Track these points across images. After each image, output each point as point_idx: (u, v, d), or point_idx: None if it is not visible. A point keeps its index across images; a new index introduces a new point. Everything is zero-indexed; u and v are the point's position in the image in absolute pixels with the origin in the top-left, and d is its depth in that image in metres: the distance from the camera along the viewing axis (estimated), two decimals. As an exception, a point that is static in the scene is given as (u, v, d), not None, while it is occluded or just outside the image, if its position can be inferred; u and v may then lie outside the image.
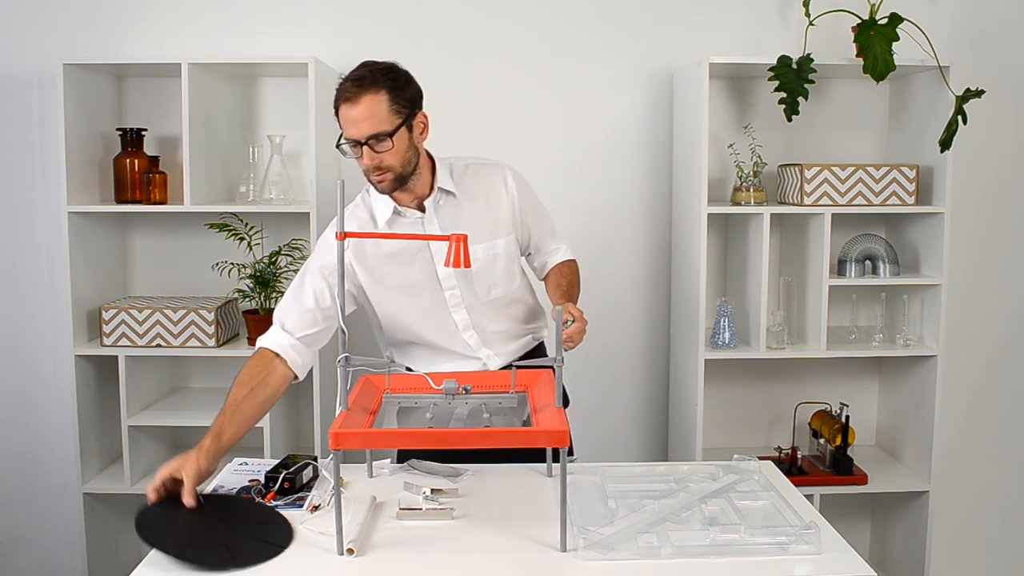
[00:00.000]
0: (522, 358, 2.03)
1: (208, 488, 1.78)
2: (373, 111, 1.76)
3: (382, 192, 1.88)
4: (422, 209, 1.94)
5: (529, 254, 2.14)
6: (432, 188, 1.94)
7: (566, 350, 1.74)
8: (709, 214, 2.55)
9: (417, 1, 2.80)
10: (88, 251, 2.63)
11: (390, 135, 1.78)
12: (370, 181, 1.86)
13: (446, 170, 1.97)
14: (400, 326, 2.01)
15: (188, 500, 1.59)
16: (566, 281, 2.03)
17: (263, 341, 1.88)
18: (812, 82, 2.52)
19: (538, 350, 2.13)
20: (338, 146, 1.82)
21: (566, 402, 2.20)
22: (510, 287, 2.03)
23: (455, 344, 2.01)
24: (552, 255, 2.13)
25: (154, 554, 1.49)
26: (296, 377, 1.89)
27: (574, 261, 2.14)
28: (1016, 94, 2.87)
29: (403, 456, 1.96)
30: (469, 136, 2.72)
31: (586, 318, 1.86)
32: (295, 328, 1.88)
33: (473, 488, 1.77)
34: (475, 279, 1.97)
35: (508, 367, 1.85)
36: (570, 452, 2.09)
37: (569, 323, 1.80)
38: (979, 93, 2.47)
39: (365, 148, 1.79)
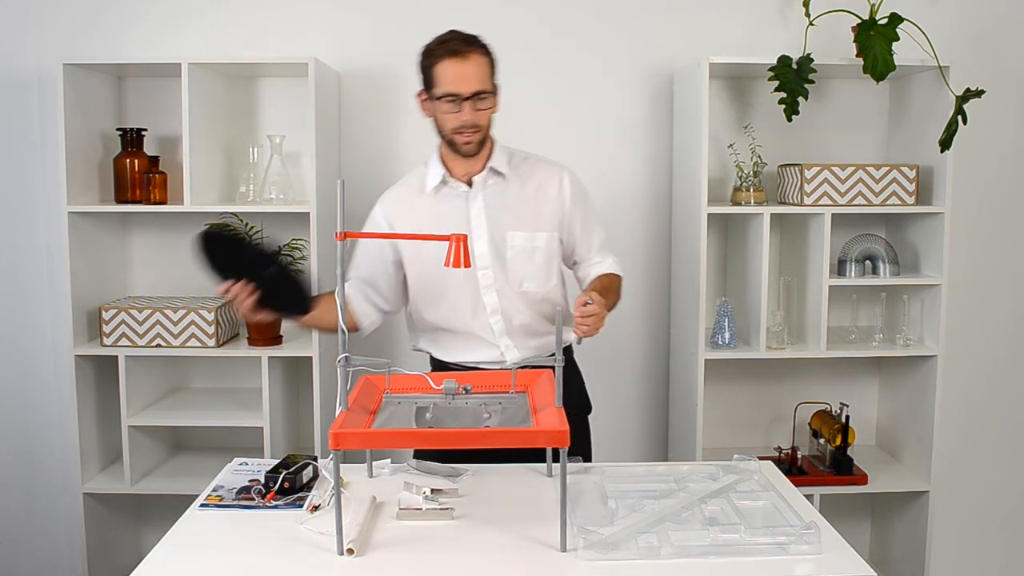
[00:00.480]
0: None
1: (208, 489, 1.78)
2: (481, 69, 1.89)
3: (467, 153, 1.94)
4: (470, 184, 1.98)
5: (575, 263, 2.13)
6: (485, 166, 1.98)
7: (580, 335, 1.79)
8: (709, 214, 2.55)
9: (417, 1, 2.80)
10: (88, 251, 2.63)
11: (493, 93, 1.91)
12: (456, 142, 1.92)
13: (504, 154, 2.02)
14: (429, 301, 2.02)
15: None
16: (602, 285, 1.99)
17: None
18: (812, 82, 2.52)
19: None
20: (437, 99, 1.89)
21: (588, 408, 2.20)
22: (545, 286, 2.03)
23: (479, 327, 2.01)
24: (596, 266, 2.10)
25: (154, 554, 1.50)
26: (356, 327, 2.01)
27: (618, 276, 2.10)
28: (1016, 94, 2.87)
29: (419, 456, 1.96)
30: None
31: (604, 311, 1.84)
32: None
33: (473, 488, 1.77)
34: (509, 266, 1.99)
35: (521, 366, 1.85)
36: (586, 457, 2.08)
37: (588, 305, 1.79)
38: (979, 93, 2.47)
39: (467, 104, 1.87)
